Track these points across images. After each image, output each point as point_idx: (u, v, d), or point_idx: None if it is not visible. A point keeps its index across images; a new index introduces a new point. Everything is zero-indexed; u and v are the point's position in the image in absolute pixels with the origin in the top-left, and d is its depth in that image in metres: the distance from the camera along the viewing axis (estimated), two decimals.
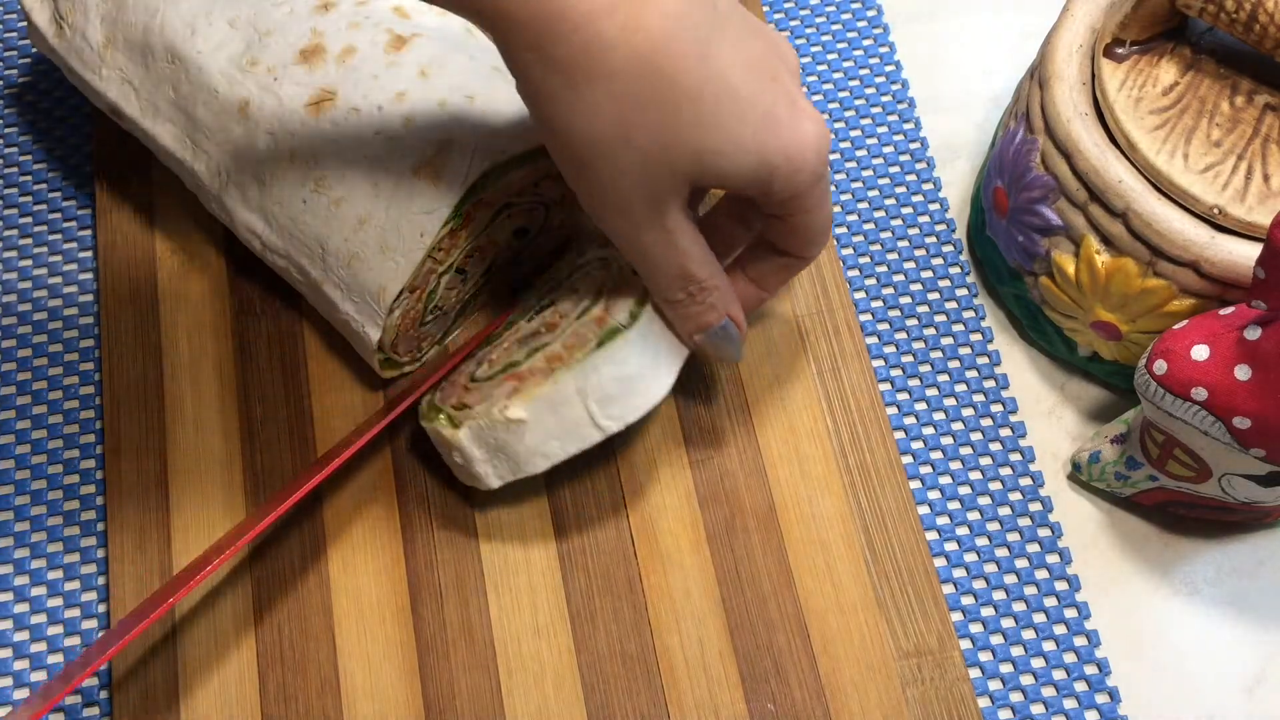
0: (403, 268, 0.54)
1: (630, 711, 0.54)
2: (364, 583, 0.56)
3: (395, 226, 0.54)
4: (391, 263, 0.54)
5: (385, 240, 0.54)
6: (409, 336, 0.58)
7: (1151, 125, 0.55)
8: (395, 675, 0.55)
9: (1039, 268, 0.59)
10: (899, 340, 0.63)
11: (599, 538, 0.57)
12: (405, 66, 0.56)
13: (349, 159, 0.54)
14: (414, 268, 0.54)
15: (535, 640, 0.55)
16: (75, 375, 0.61)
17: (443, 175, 0.54)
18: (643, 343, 0.52)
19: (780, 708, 0.54)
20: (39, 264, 0.64)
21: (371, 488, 0.58)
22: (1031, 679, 0.56)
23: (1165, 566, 0.59)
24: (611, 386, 0.52)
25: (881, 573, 0.57)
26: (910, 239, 0.65)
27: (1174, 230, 0.53)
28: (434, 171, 0.54)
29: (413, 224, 0.54)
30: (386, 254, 0.54)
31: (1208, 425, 0.50)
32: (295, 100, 0.56)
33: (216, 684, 0.54)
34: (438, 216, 0.54)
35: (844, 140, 0.68)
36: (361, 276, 0.55)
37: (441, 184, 0.54)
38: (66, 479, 0.59)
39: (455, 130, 0.55)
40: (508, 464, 0.53)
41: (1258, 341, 0.48)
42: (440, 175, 0.54)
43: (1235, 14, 0.53)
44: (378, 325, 0.55)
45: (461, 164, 0.54)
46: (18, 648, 0.56)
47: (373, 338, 0.55)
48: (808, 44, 0.70)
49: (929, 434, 0.60)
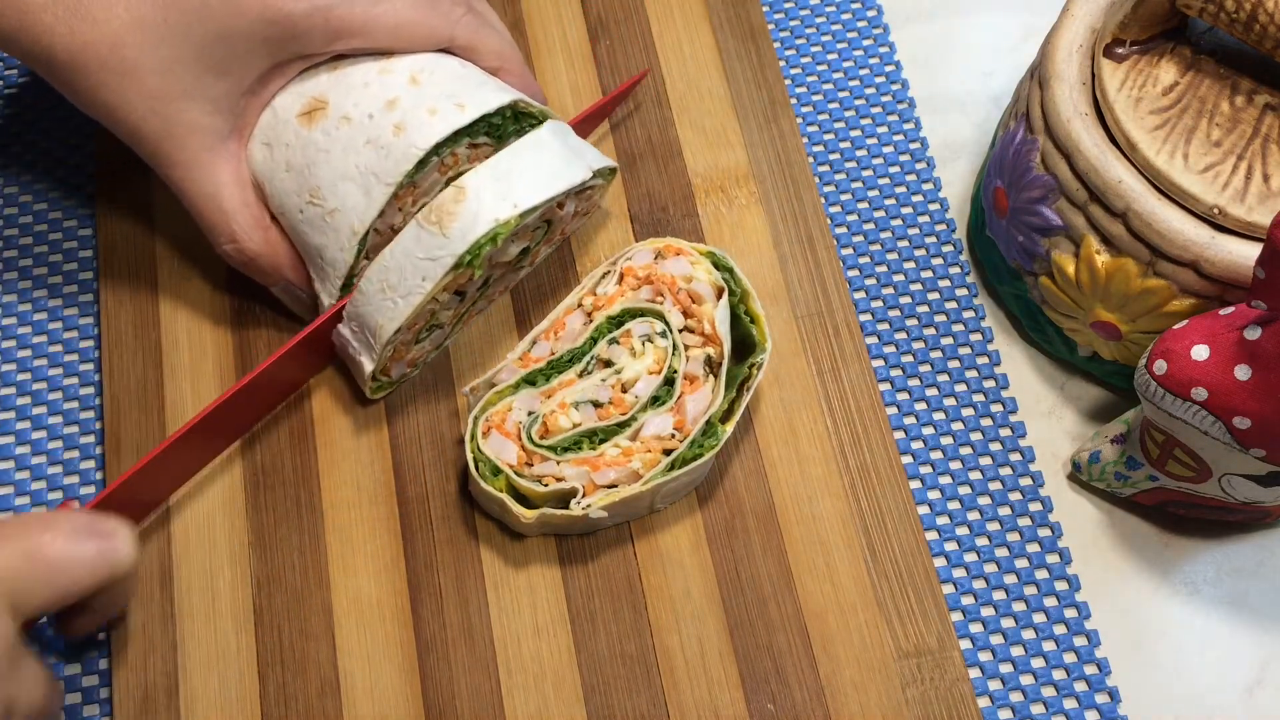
0: (400, 309, 0.54)
1: (630, 711, 0.54)
2: (364, 583, 0.56)
3: (398, 266, 0.53)
4: (390, 302, 0.54)
5: (386, 278, 0.54)
6: (401, 360, 0.58)
7: (1151, 125, 0.55)
8: (395, 675, 0.55)
9: (1039, 268, 0.59)
10: (899, 340, 0.63)
11: (599, 538, 0.57)
12: (396, 74, 0.55)
13: (340, 169, 0.54)
14: (412, 310, 0.54)
15: (535, 640, 0.55)
16: (75, 375, 0.61)
17: (451, 222, 0.53)
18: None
19: (780, 708, 0.54)
20: (39, 264, 0.64)
21: (371, 488, 0.58)
22: (1031, 679, 0.56)
23: (1165, 566, 0.59)
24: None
25: (881, 573, 0.57)
26: (910, 239, 0.65)
27: (1174, 230, 0.53)
28: (439, 214, 0.53)
29: (415, 267, 0.53)
30: (386, 293, 0.54)
31: (1208, 425, 0.50)
32: (289, 110, 0.56)
33: (216, 684, 0.54)
34: (440, 265, 0.53)
35: (844, 140, 0.68)
36: (360, 308, 0.54)
37: (451, 230, 0.53)
38: (66, 479, 0.59)
39: (468, 175, 0.54)
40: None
41: (1258, 341, 0.48)
42: (447, 221, 0.53)
43: (1235, 14, 0.53)
44: (373, 358, 0.55)
45: (469, 213, 0.53)
46: None
47: (367, 368, 0.56)
48: (808, 44, 0.70)
49: (929, 434, 0.60)
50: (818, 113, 0.68)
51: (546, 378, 0.56)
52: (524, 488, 0.54)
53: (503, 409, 0.55)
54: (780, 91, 0.67)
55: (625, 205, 0.64)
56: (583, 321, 0.57)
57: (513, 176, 0.54)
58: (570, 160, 0.56)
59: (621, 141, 0.66)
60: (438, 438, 0.59)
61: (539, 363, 0.56)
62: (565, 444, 0.55)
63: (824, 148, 0.67)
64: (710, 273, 0.57)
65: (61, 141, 0.67)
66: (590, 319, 0.57)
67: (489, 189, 0.53)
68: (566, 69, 0.68)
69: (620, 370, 0.56)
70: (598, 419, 0.55)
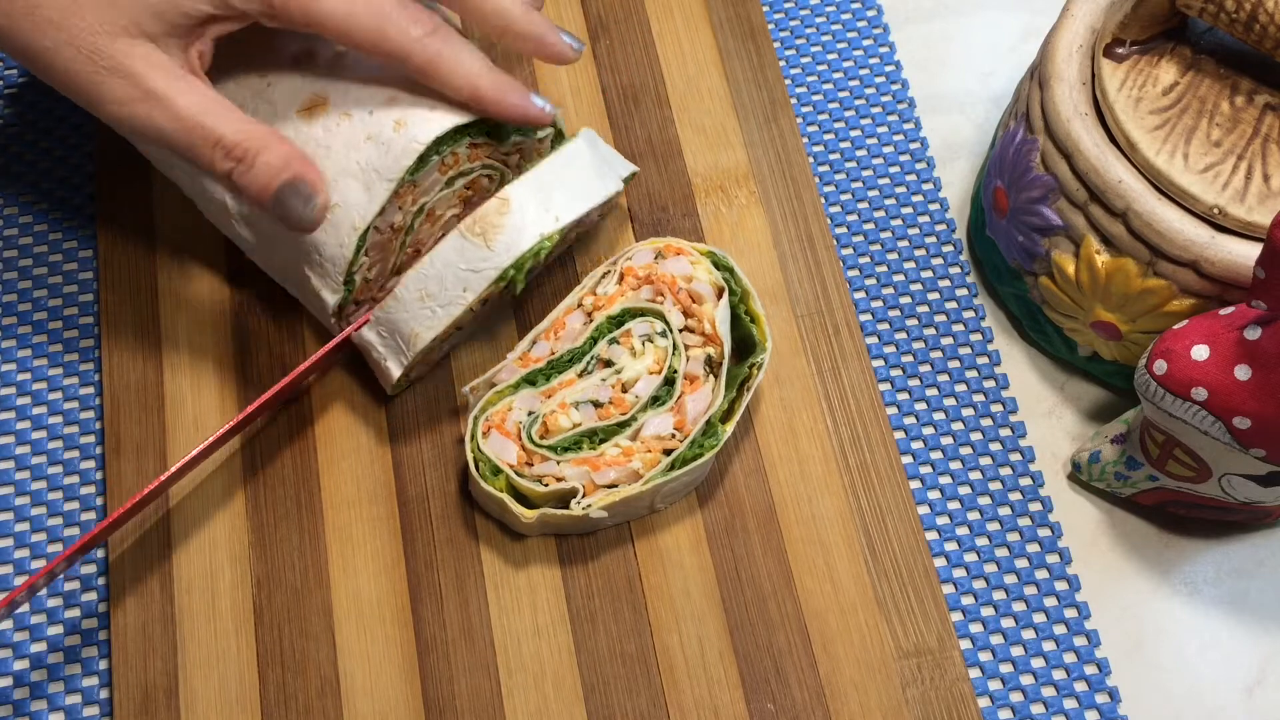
0: (439, 318, 0.54)
1: (630, 711, 0.54)
2: (364, 583, 0.56)
3: (438, 276, 0.54)
4: (428, 311, 0.54)
5: (426, 287, 0.54)
6: (425, 362, 0.58)
7: (1151, 125, 0.55)
8: (395, 675, 0.55)
9: (1039, 268, 0.59)
10: (899, 340, 0.63)
11: (599, 538, 0.57)
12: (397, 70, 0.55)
13: (341, 165, 0.54)
14: (451, 320, 0.54)
15: (535, 640, 0.55)
16: (75, 375, 0.61)
17: (495, 234, 0.53)
18: None
19: (780, 708, 0.54)
20: (39, 264, 0.64)
21: (371, 488, 0.58)
22: (1031, 679, 0.56)
23: (1165, 566, 0.59)
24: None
25: (881, 573, 0.57)
26: (910, 239, 0.65)
27: (1174, 230, 0.53)
28: (484, 226, 0.53)
29: (457, 278, 0.53)
30: (425, 301, 0.54)
31: (1208, 425, 0.50)
32: (289, 107, 0.56)
33: (216, 684, 0.54)
34: (484, 277, 0.53)
35: (844, 140, 0.68)
36: (394, 314, 0.54)
37: (496, 243, 0.53)
38: (66, 479, 0.59)
39: (511, 186, 0.54)
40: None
41: (1258, 341, 0.48)
42: (491, 234, 0.53)
43: (1235, 14, 0.53)
44: (402, 363, 0.55)
45: (513, 227, 0.53)
46: (18, 648, 0.56)
47: (395, 373, 0.56)
48: (808, 44, 0.70)
49: (929, 434, 0.60)
50: (818, 113, 0.68)
51: (547, 378, 0.56)
52: (524, 488, 0.54)
53: (503, 409, 0.55)
54: (780, 91, 0.67)
55: (625, 205, 0.64)
56: (583, 321, 0.57)
57: (554, 189, 0.54)
58: (603, 170, 0.57)
59: (621, 141, 0.66)
60: (438, 438, 0.59)
61: (539, 362, 0.56)
62: (565, 444, 0.55)
63: (824, 148, 0.67)
64: (710, 272, 0.57)
65: (61, 141, 0.67)
66: (590, 319, 0.57)
67: (532, 201, 0.54)
68: (566, 68, 0.68)
69: (620, 370, 0.56)
70: (598, 419, 0.55)
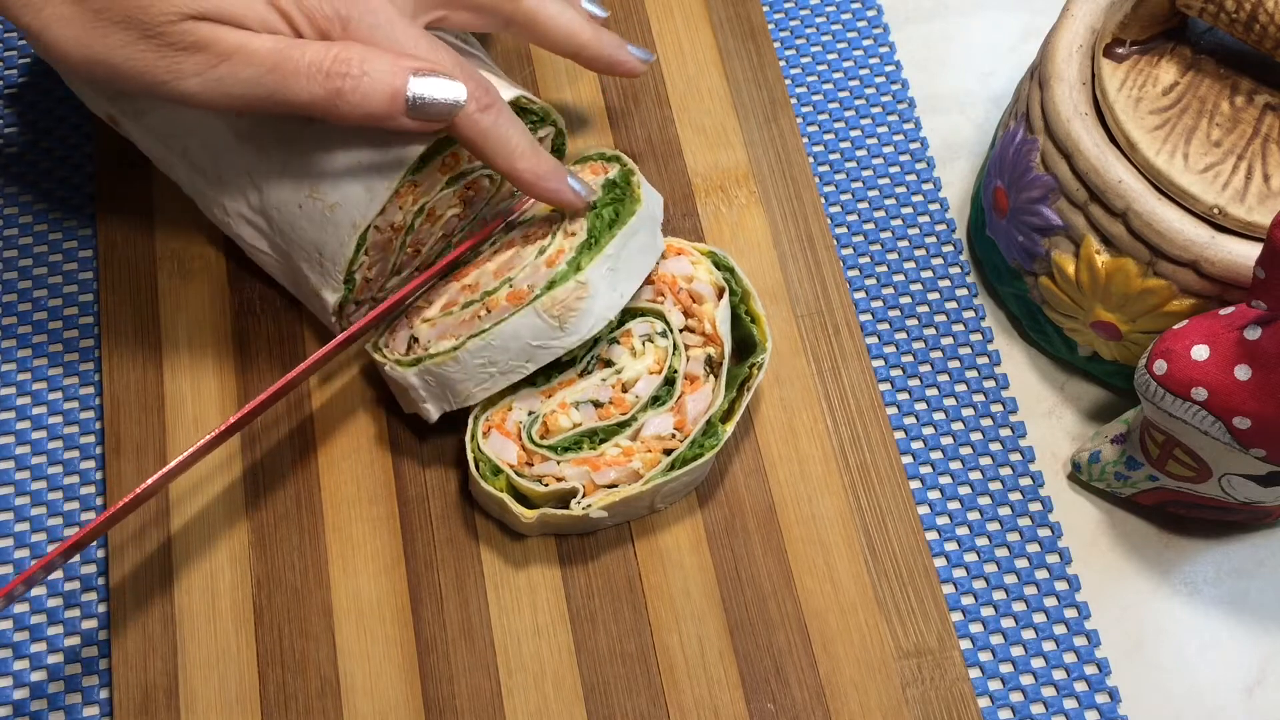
0: (496, 383, 0.54)
1: (630, 711, 0.54)
2: (364, 583, 0.56)
3: (504, 346, 0.54)
4: (487, 375, 0.54)
5: (490, 355, 0.54)
6: None
7: (1151, 125, 0.55)
8: (395, 675, 0.55)
9: (1039, 268, 0.59)
10: (899, 340, 0.63)
11: (599, 537, 0.57)
12: None
13: (342, 164, 0.54)
14: (506, 385, 0.54)
15: (535, 640, 0.55)
16: (75, 375, 0.61)
17: (570, 318, 0.53)
18: None
19: (780, 708, 0.54)
20: (39, 264, 0.64)
21: (371, 487, 0.58)
22: (1031, 679, 0.56)
23: (1165, 566, 0.59)
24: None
25: (881, 573, 0.57)
26: (910, 239, 0.65)
27: (1174, 230, 0.53)
28: (561, 310, 0.54)
29: (523, 351, 0.54)
30: (487, 368, 0.54)
31: (1208, 425, 0.50)
32: None
33: (216, 684, 0.54)
34: (549, 353, 0.54)
35: (844, 140, 0.68)
36: (450, 373, 0.54)
37: (569, 325, 0.53)
38: (66, 479, 0.59)
39: (589, 270, 0.54)
40: None
41: (1258, 341, 0.48)
42: (567, 317, 0.53)
43: (1235, 14, 0.53)
44: (441, 409, 0.56)
45: (589, 312, 0.54)
46: (18, 648, 0.56)
47: (433, 416, 0.56)
48: (808, 44, 0.70)
49: (929, 434, 0.60)
50: (818, 113, 0.68)
51: (547, 377, 0.56)
52: (524, 488, 0.54)
53: (503, 409, 0.56)
54: (780, 91, 0.67)
55: None
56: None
57: (621, 267, 0.54)
58: (653, 230, 0.56)
59: (621, 141, 0.66)
60: (438, 438, 0.59)
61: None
62: (565, 444, 0.55)
63: (824, 148, 0.67)
64: (711, 272, 0.57)
65: (62, 141, 0.67)
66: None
67: (604, 283, 0.54)
68: (567, 68, 0.68)
69: (620, 370, 0.56)
70: (598, 419, 0.55)
